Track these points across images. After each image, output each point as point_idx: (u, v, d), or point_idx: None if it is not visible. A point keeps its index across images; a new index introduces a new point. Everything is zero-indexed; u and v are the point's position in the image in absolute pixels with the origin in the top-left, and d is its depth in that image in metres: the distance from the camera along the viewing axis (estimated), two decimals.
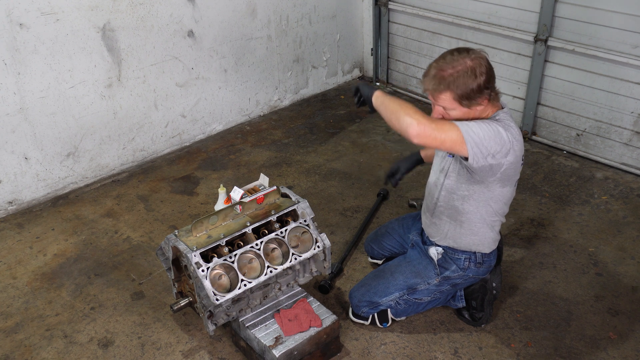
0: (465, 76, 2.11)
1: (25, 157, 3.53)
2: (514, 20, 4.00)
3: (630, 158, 3.75)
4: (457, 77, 2.11)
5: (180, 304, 2.54)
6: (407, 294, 2.58)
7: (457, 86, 2.12)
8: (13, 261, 3.19)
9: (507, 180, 2.29)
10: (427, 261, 2.57)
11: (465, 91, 2.12)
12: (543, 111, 4.08)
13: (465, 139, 2.09)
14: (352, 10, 4.97)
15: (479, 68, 2.12)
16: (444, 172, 2.42)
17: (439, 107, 2.22)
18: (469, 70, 2.11)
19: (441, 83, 2.14)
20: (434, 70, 2.17)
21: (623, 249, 3.11)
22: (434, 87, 2.16)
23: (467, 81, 2.11)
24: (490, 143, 2.12)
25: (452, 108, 2.18)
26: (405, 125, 2.09)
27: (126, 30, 3.68)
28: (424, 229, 2.67)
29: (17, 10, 3.21)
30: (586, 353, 2.52)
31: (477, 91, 2.13)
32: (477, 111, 2.21)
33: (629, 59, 3.50)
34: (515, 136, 2.19)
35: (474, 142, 2.10)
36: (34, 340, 2.69)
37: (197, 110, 4.26)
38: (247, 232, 2.45)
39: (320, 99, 4.96)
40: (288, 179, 3.85)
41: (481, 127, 2.12)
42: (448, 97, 2.15)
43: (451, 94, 2.14)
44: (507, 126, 2.18)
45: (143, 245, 3.27)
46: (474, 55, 2.14)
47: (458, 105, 2.17)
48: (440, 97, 2.17)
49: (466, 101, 2.15)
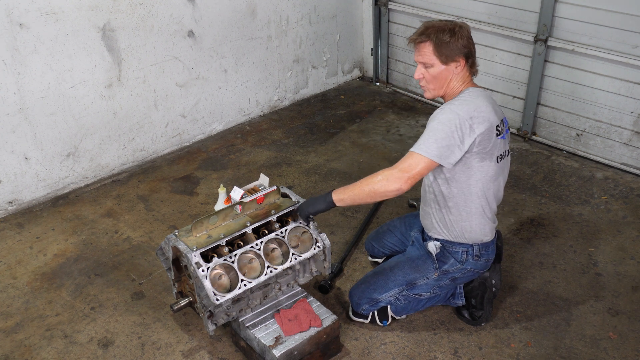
0: (445, 33, 2.30)
1: (25, 157, 3.53)
2: (514, 20, 4.00)
3: (630, 158, 3.75)
4: (438, 31, 2.31)
5: (180, 304, 2.54)
6: (406, 289, 2.59)
7: (438, 38, 2.30)
8: (13, 261, 3.19)
9: (484, 153, 2.32)
10: (426, 256, 2.58)
11: (443, 42, 2.30)
12: (543, 111, 4.08)
13: (426, 155, 2.24)
14: (352, 10, 4.97)
15: (459, 31, 2.32)
16: None
17: (420, 67, 2.38)
18: (449, 28, 2.32)
19: (423, 33, 2.34)
20: (422, 27, 2.37)
21: (623, 249, 3.11)
22: (417, 36, 2.35)
23: (446, 35, 2.30)
24: (449, 141, 2.24)
25: (431, 64, 2.34)
26: (382, 190, 2.26)
27: (126, 30, 3.68)
28: (421, 221, 2.69)
29: (17, 10, 3.22)
30: (586, 353, 2.52)
31: (455, 48, 2.31)
32: (454, 73, 2.35)
33: (629, 59, 3.50)
34: (472, 111, 2.28)
35: (436, 154, 2.24)
36: (34, 340, 2.69)
37: (197, 110, 4.26)
38: (247, 232, 2.45)
39: (320, 99, 4.96)
40: (288, 179, 3.85)
41: (433, 134, 2.25)
42: (428, 49, 2.32)
43: (431, 44, 2.31)
44: (463, 104, 2.28)
45: (143, 245, 3.27)
46: (457, 22, 2.37)
47: (437, 60, 2.32)
48: (421, 48, 2.34)
49: (444, 56, 2.31)
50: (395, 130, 4.40)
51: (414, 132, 4.36)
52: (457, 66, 2.34)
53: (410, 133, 4.34)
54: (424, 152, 2.24)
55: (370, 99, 4.93)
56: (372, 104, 4.84)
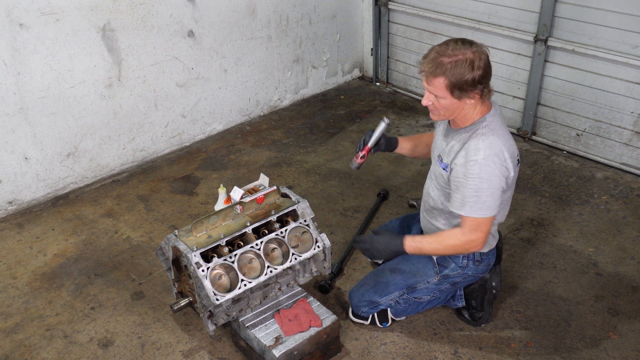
0: (462, 66, 2.12)
1: (25, 157, 3.53)
2: (514, 20, 4.00)
3: (630, 158, 3.75)
4: (454, 65, 2.13)
5: (180, 304, 2.54)
6: (406, 292, 2.58)
7: (453, 74, 2.13)
8: (13, 261, 3.19)
9: (510, 185, 2.33)
10: (427, 260, 2.57)
11: (459, 81, 2.13)
12: (543, 111, 4.08)
13: (491, 215, 2.28)
14: (352, 10, 4.97)
15: (478, 62, 2.13)
16: (439, 179, 2.44)
17: (430, 95, 2.24)
18: (468, 62, 2.12)
19: (438, 67, 2.15)
20: (434, 54, 2.18)
21: (623, 249, 3.11)
22: (431, 69, 2.17)
23: (463, 71, 2.12)
24: (499, 191, 2.25)
25: (442, 96, 2.20)
26: (462, 252, 2.41)
27: (126, 30, 3.68)
28: (423, 229, 2.68)
29: (17, 10, 3.22)
30: (586, 353, 2.52)
31: (471, 84, 2.15)
32: (467, 105, 2.23)
33: (629, 59, 3.50)
34: (503, 153, 2.23)
35: (496, 206, 2.28)
36: (34, 340, 2.69)
37: (197, 110, 4.26)
38: (247, 232, 2.45)
39: (320, 99, 4.96)
40: (288, 179, 3.85)
41: (487, 193, 2.24)
42: (441, 84, 2.16)
43: (445, 80, 2.15)
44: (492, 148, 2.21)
45: (143, 245, 3.27)
46: (475, 49, 2.16)
47: (449, 95, 2.18)
48: (434, 81, 2.18)
49: (458, 92, 2.16)
50: (395, 130, 4.40)
51: (414, 132, 4.36)
52: (471, 100, 2.21)
53: (410, 133, 4.34)
54: (487, 214, 2.27)
55: (370, 99, 4.93)
56: (372, 104, 4.84)
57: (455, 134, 2.36)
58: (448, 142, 2.38)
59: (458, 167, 2.27)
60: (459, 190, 2.28)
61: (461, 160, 2.26)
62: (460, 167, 2.26)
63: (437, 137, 2.52)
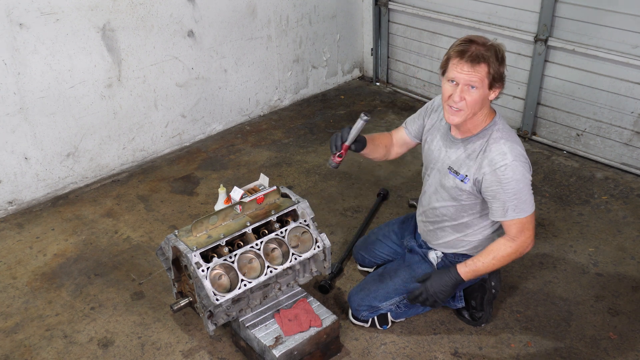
0: (499, 56, 2.15)
1: (25, 157, 3.53)
2: (514, 20, 4.00)
3: (630, 158, 3.75)
4: (494, 53, 2.14)
5: (180, 304, 2.54)
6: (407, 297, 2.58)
7: (494, 62, 2.12)
8: (13, 261, 3.19)
9: None
10: (427, 265, 2.57)
11: (497, 71, 2.14)
12: (543, 111, 4.08)
13: (532, 212, 2.30)
14: (352, 10, 4.97)
15: (504, 58, 2.18)
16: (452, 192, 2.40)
17: (463, 88, 2.14)
18: (501, 53, 2.16)
19: (484, 54, 2.11)
20: (473, 44, 2.12)
21: (623, 249, 3.11)
22: (485, 53, 2.11)
23: (499, 62, 2.15)
24: (531, 190, 2.30)
25: (480, 86, 2.13)
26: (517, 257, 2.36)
27: (126, 30, 3.68)
28: (422, 236, 2.67)
29: (17, 10, 3.21)
30: (586, 353, 2.52)
31: (501, 76, 2.17)
32: (487, 101, 2.23)
33: (629, 59, 3.50)
34: (523, 151, 2.27)
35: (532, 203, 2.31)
36: (34, 340, 2.69)
37: (197, 110, 4.26)
38: (247, 232, 2.45)
39: (320, 99, 4.96)
40: (288, 179, 3.85)
41: (524, 193, 2.26)
42: (485, 71, 2.12)
43: (488, 67, 2.12)
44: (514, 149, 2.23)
45: (143, 245, 3.27)
46: (496, 43, 2.17)
47: (487, 84, 2.15)
48: (478, 68, 2.11)
49: (492, 81, 2.15)
50: None
51: None
52: (494, 93, 2.20)
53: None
54: (529, 211, 2.28)
55: (370, 99, 4.93)
56: (372, 104, 4.84)
57: (466, 142, 2.32)
58: (458, 152, 2.34)
59: (488, 176, 2.24)
60: (497, 198, 2.25)
61: (488, 169, 2.23)
62: (490, 175, 2.23)
63: (435, 149, 2.46)
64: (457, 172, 2.35)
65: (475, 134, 2.29)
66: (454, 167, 2.36)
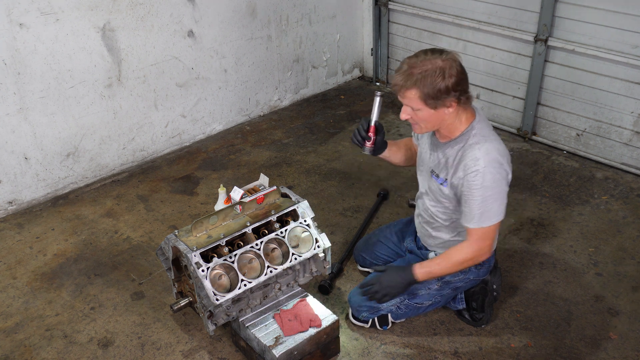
0: (433, 75, 2.11)
1: (25, 157, 3.53)
2: (514, 20, 4.00)
3: (630, 158, 3.75)
4: (425, 75, 2.12)
5: (180, 304, 2.54)
6: (407, 298, 2.58)
7: (424, 85, 2.12)
8: (13, 261, 3.19)
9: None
10: None
11: (432, 91, 2.13)
12: (543, 111, 4.08)
13: (497, 221, 2.30)
14: (352, 10, 4.96)
15: (449, 70, 2.12)
16: (437, 194, 2.44)
17: (406, 108, 2.23)
18: (438, 70, 2.12)
19: (409, 79, 2.14)
20: (405, 67, 2.18)
21: (623, 249, 3.11)
22: (402, 82, 2.17)
23: (434, 80, 2.11)
24: (503, 197, 2.28)
25: (418, 108, 2.19)
26: (472, 264, 2.40)
27: (126, 30, 3.68)
28: (421, 239, 2.68)
29: (17, 10, 3.21)
30: (586, 353, 2.52)
31: (445, 92, 2.14)
32: (446, 114, 2.22)
33: (629, 59, 3.50)
34: (501, 158, 2.23)
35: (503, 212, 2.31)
36: (34, 340, 2.69)
37: (197, 110, 4.26)
38: (247, 232, 2.45)
39: (320, 99, 4.96)
40: (288, 179, 3.85)
41: (495, 199, 2.24)
42: (414, 95, 2.16)
43: (417, 91, 2.15)
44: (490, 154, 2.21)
45: (143, 245, 3.27)
46: (445, 57, 2.16)
47: (424, 105, 2.18)
48: (407, 94, 2.18)
49: (432, 101, 2.15)
50: (395, 130, 4.40)
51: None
52: (449, 109, 2.20)
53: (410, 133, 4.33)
54: (494, 221, 2.28)
55: (370, 99, 4.92)
56: (372, 104, 4.83)
57: (445, 147, 2.35)
58: (439, 156, 2.38)
59: (461, 181, 2.27)
60: (467, 203, 2.28)
61: (461, 174, 2.26)
62: (463, 180, 2.26)
63: (424, 151, 2.51)
64: (438, 175, 2.40)
65: (453, 138, 2.31)
66: (436, 171, 2.41)
